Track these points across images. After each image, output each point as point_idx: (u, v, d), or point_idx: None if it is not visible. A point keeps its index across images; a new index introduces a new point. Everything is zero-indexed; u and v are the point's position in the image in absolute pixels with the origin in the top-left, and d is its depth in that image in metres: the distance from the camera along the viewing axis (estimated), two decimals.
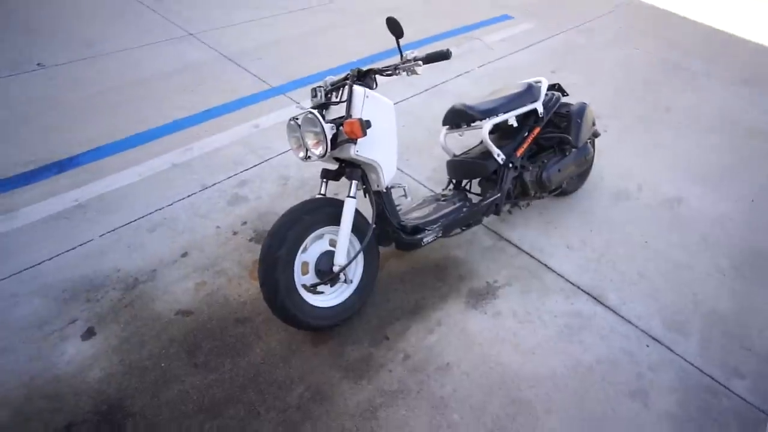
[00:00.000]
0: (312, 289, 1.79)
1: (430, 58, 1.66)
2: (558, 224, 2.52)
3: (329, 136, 1.63)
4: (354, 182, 1.76)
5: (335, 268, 1.74)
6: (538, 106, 2.24)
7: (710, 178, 2.95)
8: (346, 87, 1.70)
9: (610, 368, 1.86)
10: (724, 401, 1.79)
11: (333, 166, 1.86)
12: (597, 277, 2.24)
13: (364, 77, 1.75)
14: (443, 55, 1.65)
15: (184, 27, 4.29)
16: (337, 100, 1.74)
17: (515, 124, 2.20)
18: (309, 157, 1.75)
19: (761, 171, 3.04)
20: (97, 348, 1.80)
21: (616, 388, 1.79)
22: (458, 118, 2.17)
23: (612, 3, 5.81)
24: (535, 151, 2.38)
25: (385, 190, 1.88)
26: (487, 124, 2.11)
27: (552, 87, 2.44)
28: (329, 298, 1.86)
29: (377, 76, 1.77)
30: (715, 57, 4.58)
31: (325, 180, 1.86)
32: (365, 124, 1.61)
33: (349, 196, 1.73)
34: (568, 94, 2.48)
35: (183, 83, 3.51)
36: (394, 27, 1.68)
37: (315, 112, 1.65)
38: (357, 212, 1.79)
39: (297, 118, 1.74)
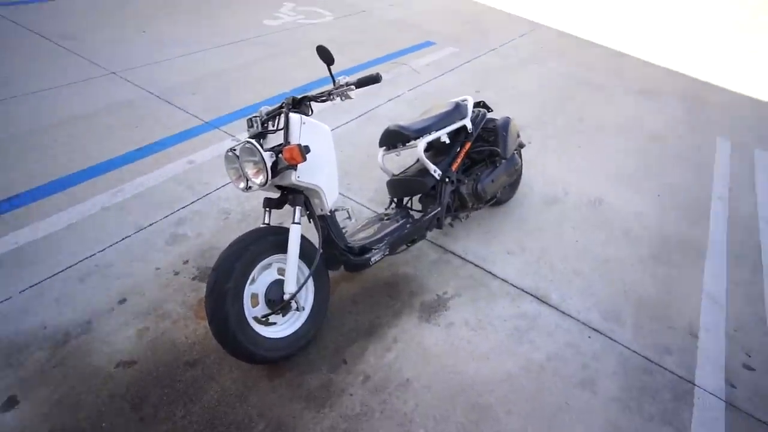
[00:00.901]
0: (264, 320, 1.75)
1: (362, 82, 1.73)
2: (497, 233, 2.65)
3: (269, 164, 1.63)
4: (298, 208, 1.76)
5: (286, 296, 1.71)
6: (467, 122, 2.39)
7: (623, 178, 3.26)
8: (282, 115, 1.72)
9: (559, 363, 1.96)
10: (659, 378, 1.95)
11: (275, 195, 1.85)
12: (537, 278, 2.38)
13: (299, 105, 1.77)
14: (374, 79, 1.72)
15: (105, 66, 4.11)
16: (274, 128, 1.75)
17: (447, 141, 2.32)
18: (250, 187, 1.74)
19: (663, 169, 3.42)
20: (21, 418, 1.62)
21: (566, 381, 1.90)
22: (393, 138, 2.25)
23: (522, 28, 6.35)
24: (468, 165, 2.52)
25: (329, 214, 1.90)
26: (422, 143, 2.20)
27: (477, 104, 2.61)
28: (282, 328, 1.82)
29: (312, 102, 1.80)
30: (614, 72, 5.13)
31: (268, 209, 1.85)
32: (304, 149, 1.62)
33: (294, 223, 1.73)
34: (492, 110, 2.66)
35: (108, 123, 3.34)
36: (325, 54, 1.74)
37: (253, 141, 1.65)
38: (303, 238, 1.79)
39: (235, 149, 1.73)
